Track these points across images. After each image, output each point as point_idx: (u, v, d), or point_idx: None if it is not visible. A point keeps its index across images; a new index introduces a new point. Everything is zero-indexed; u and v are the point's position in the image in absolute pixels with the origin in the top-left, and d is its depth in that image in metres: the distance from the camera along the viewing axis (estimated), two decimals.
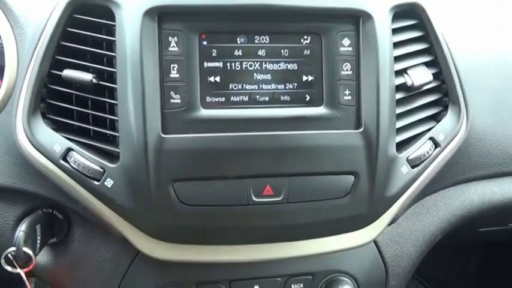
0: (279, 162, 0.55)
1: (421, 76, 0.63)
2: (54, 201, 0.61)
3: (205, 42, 0.54)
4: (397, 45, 0.61)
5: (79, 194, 0.57)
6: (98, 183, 0.55)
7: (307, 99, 0.57)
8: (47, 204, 0.63)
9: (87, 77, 0.55)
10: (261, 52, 0.56)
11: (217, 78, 0.55)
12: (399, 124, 0.61)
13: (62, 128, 0.57)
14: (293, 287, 0.68)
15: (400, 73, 0.62)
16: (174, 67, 0.53)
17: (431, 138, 0.64)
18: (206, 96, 0.55)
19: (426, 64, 0.65)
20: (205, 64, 0.54)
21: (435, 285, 1.56)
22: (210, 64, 0.55)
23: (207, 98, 0.55)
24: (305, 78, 0.56)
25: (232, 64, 0.55)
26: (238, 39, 0.55)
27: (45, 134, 0.56)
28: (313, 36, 0.56)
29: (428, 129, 0.64)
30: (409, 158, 0.61)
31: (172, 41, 0.53)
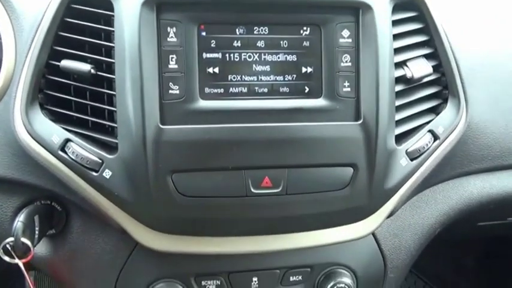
0: (277, 154, 0.55)
1: (420, 68, 0.63)
2: (53, 193, 0.61)
3: (204, 33, 0.54)
4: (397, 37, 0.61)
5: (77, 185, 0.56)
6: (96, 174, 0.55)
7: (306, 91, 0.56)
8: (46, 195, 0.63)
9: (86, 67, 0.55)
10: (260, 43, 0.55)
11: (216, 69, 0.55)
12: (398, 116, 0.61)
13: (60, 119, 0.57)
14: (291, 279, 0.68)
15: (399, 65, 0.62)
16: (172, 58, 0.53)
17: (430, 131, 0.64)
18: (205, 87, 0.54)
19: (426, 56, 0.65)
20: (204, 55, 0.54)
21: (433, 279, 1.56)
22: (208, 55, 0.54)
23: (206, 89, 0.54)
24: (304, 69, 0.56)
25: (231, 55, 0.55)
26: (237, 30, 0.55)
27: (43, 124, 0.56)
28: (313, 27, 0.56)
29: (428, 122, 0.64)
30: (408, 150, 0.61)
31: (171, 31, 0.53)
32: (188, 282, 0.66)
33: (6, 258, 0.57)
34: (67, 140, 0.55)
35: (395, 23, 0.61)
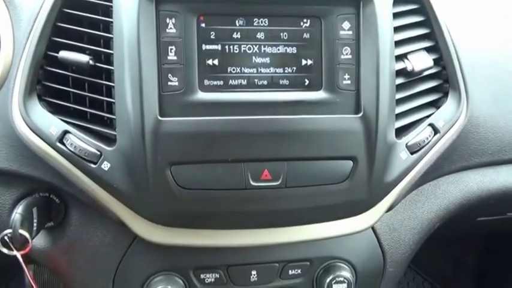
0: (277, 147, 0.54)
1: (421, 61, 0.62)
2: (51, 185, 0.61)
3: (203, 25, 0.54)
4: (397, 29, 0.61)
5: (75, 177, 0.56)
6: (94, 166, 0.55)
7: (306, 84, 0.56)
8: (44, 188, 0.63)
9: (84, 58, 0.54)
10: (259, 35, 0.55)
11: (216, 61, 0.54)
12: (399, 110, 0.60)
13: (59, 111, 0.57)
14: (290, 272, 0.68)
15: (400, 58, 0.62)
16: (171, 49, 0.53)
17: (430, 125, 0.63)
18: (204, 79, 0.54)
19: (427, 50, 0.64)
20: (204, 47, 0.54)
21: (433, 275, 1.57)
22: (208, 47, 0.54)
23: (205, 81, 0.54)
24: (304, 62, 0.56)
25: (231, 47, 0.54)
26: (237, 22, 0.54)
27: (41, 116, 0.56)
28: (313, 19, 0.55)
29: (428, 116, 0.64)
30: (408, 144, 0.61)
31: (170, 22, 0.53)
32: (187, 275, 0.65)
33: (5, 250, 0.57)
34: (65, 132, 0.55)
35: (396, 16, 0.60)
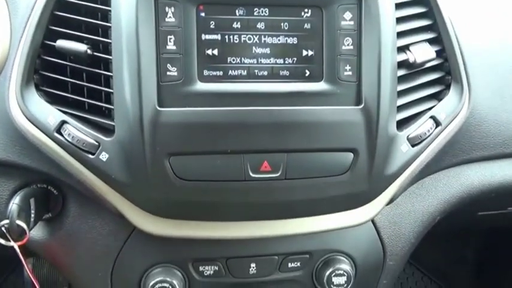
0: (277, 138, 0.54)
1: (423, 53, 0.62)
2: (49, 176, 0.61)
3: (202, 14, 0.53)
4: (399, 20, 0.60)
5: (73, 167, 0.56)
6: (92, 157, 0.54)
7: (307, 75, 0.55)
8: (42, 179, 0.62)
9: (82, 47, 0.54)
10: (260, 25, 0.54)
11: (215, 51, 0.53)
12: (400, 102, 0.60)
13: (56, 101, 0.56)
14: (290, 265, 0.68)
15: (402, 49, 0.61)
16: (170, 39, 0.52)
17: (432, 117, 0.63)
18: (203, 69, 0.53)
19: (429, 41, 0.63)
20: (203, 36, 0.53)
21: (433, 271, 1.57)
22: (207, 36, 0.53)
23: (205, 72, 0.53)
24: (305, 52, 0.55)
25: (231, 37, 0.54)
26: (237, 11, 0.54)
27: (38, 106, 0.55)
28: (314, 9, 0.55)
29: (430, 108, 0.63)
30: (410, 136, 0.60)
31: (169, 11, 0.52)
32: (186, 267, 0.65)
33: (2, 241, 0.56)
34: (63, 122, 0.55)
35: (398, 6, 0.59)
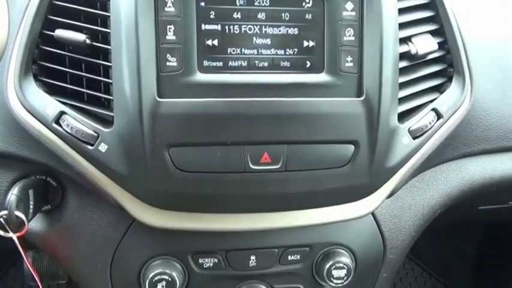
0: (277, 129, 0.53)
1: (425, 44, 0.61)
2: (48, 167, 0.60)
3: (202, 3, 0.52)
4: (401, 11, 0.59)
5: (72, 158, 0.55)
6: (91, 148, 0.54)
7: (308, 66, 0.55)
8: (41, 170, 0.62)
9: (80, 37, 0.53)
10: (260, 15, 0.53)
11: (215, 42, 0.53)
12: (402, 94, 0.59)
13: (55, 91, 0.56)
14: (290, 258, 0.67)
15: (404, 41, 0.60)
16: (170, 29, 0.51)
17: (434, 109, 0.62)
18: (203, 60, 0.53)
19: (431, 33, 0.63)
20: (203, 26, 0.52)
21: (432, 267, 1.57)
22: (207, 27, 0.53)
23: (205, 62, 0.53)
24: (306, 43, 0.54)
25: (231, 27, 0.53)
26: (238, 1, 0.53)
27: (37, 96, 0.55)
28: None
29: (431, 101, 0.63)
30: (411, 128, 0.60)
31: (168, 1, 0.51)
32: (185, 259, 0.65)
33: (1, 232, 0.56)
34: (62, 113, 0.54)
35: None
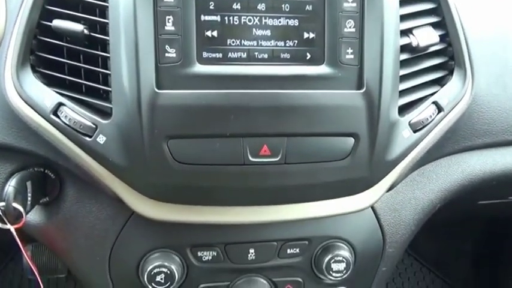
0: (277, 122, 0.53)
1: (427, 37, 0.60)
2: (46, 159, 0.60)
3: None
4: (403, 3, 0.59)
5: (70, 150, 0.55)
6: (89, 140, 0.53)
7: (308, 58, 0.54)
8: (39, 163, 0.62)
9: (78, 27, 0.53)
10: (260, 6, 0.53)
11: (215, 33, 0.52)
12: (402, 86, 0.59)
13: (53, 82, 0.55)
14: (289, 251, 0.67)
15: (405, 33, 0.60)
16: (169, 19, 0.51)
17: (434, 103, 0.62)
18: (202, 51, 0.52)
19: (433, 25, 0.62)
20: (202, 17, 0.52)
21: (431, 262, 1.57)
22: (207, 17, 0.52)
23: (204, 54, 0.52)
24: (306, 35, 0.54)
25: (231, 18, 0.53)
26: None
27: (35, 88, 0.54)
28: None
29: (432, 94, 0.63)
30: (411, 122, 0.60)
31: None
32: (184, 252, 0.65)
33: None
34: (60, 104, 0.54)
35: None
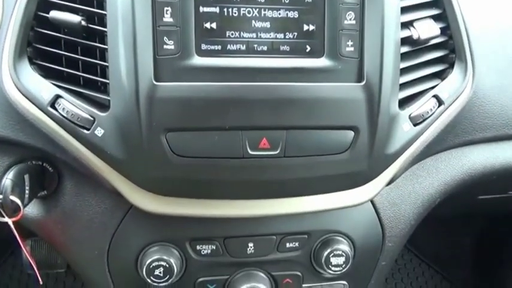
0: (276, 114, 0.52)
1: (427, 29, 0.60)
2: (44, 152, 0.59)
3: None
4: None
5: (68, 143, 0.55)
6: (87, 132, 0.53)
7: (308, 50, 0.54)
8: (37, 156, 0.61)
9: (76, 19, 0.52)
10: None
11: (214, 25, 0.52)
12: (403, 79, 0.59)
13: (51, 75, 0.55)
14: (288, 245, 0.67)
15: (406, 25, 0.60)
16: (167, 10, 0.50)
17: (435, 96, 0.61)
18: (201, 43, 0.52)
19: (434, 18, 0.62)
20: (201, 9, 0.51)
21: (430, 258, 1.57)
22: (205, 9, 0.52)
23: (202, 46, 0.52)
24: (306, 27, 0.53)
25: (230, 10, 0.52)
26: None
27: (32, 80, 0.54)
28: None
29: (433, 87, 0.62)
30: (412, 115, 0.59)
31: None
32: (183, 246, 0.65)
33: None
34: (57, 96, 0.53)
35: None
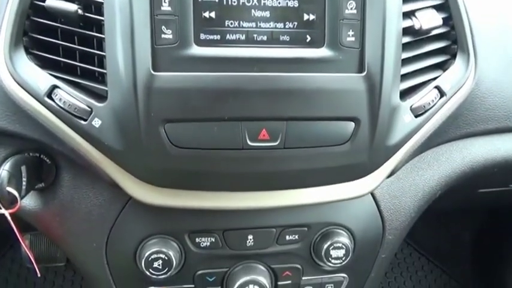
0: (276, 105, 0.52)
1: (430, 19, 0.59)
2: (41, 144, 0.59)
3: None
4: None
5: (65, 134, 0.54)
6: (85, 123, 0.52)
7: (308, 40, 0.53)
8: (34, 147, 0.61)
9: (72, 7, 0.51)
10: None
11: (212, 14, 0.51)
12: (404, 70, 0.58)
13: (47, 65, 0.54)
14: (288, 238, 0.67)
15: (407, 15, 0.59)
16: None
17: (436, 87, 0.61)
18: (200, 32, 0.51)
19: (436, 8, 0.61)
20: None
21: (430, 252, 1.57)
22: None
23: (201, 35, 0.51)
24: (306, 17, 0.52)
25: None
26: None
27: (28, 70, 0.53)
28: None
29: (434, 78, 0.61)
30: (413, 106, 0.58)
31: None
32: (182, 238, 0.64)
33: None
34: (54, 87, 0.53)
35: None
